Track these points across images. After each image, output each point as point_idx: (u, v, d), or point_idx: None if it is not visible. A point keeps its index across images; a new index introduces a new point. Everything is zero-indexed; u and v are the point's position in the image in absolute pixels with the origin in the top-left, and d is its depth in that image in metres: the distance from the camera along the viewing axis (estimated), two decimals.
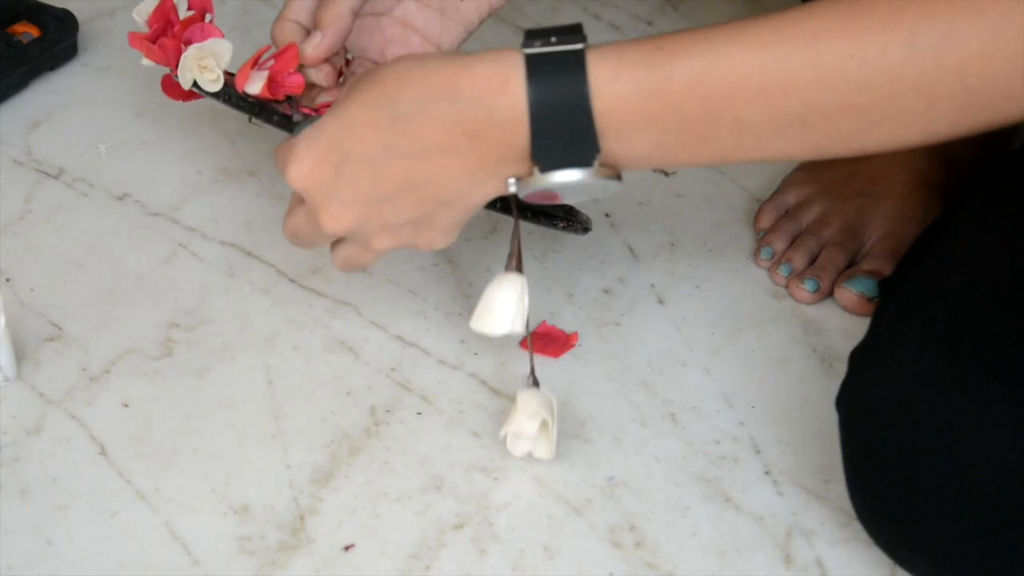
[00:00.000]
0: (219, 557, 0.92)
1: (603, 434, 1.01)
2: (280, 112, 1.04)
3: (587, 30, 0.84)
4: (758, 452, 1.00)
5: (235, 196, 1.18)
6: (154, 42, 1.04)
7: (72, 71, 1.30)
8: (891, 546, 0.88)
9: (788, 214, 1.15)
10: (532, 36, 0.85)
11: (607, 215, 1.19)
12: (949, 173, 1.14)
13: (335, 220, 0.91)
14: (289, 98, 1.04)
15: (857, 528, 0.90)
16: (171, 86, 1.07)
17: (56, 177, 1.19)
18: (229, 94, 1.03)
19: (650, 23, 1.36)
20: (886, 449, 0.84)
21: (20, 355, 1.03)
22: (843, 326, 1.09)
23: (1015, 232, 0.86)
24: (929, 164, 1.14)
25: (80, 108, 1.26)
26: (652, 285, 1.11)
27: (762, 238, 1.14)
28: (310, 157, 0.90)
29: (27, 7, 1.30)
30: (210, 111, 1.28)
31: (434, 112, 0.86)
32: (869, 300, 1.09)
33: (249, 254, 1.13)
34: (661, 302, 1.10)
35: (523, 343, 1.05)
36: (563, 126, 0.84)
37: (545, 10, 1.42)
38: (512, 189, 0.87)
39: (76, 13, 1.31)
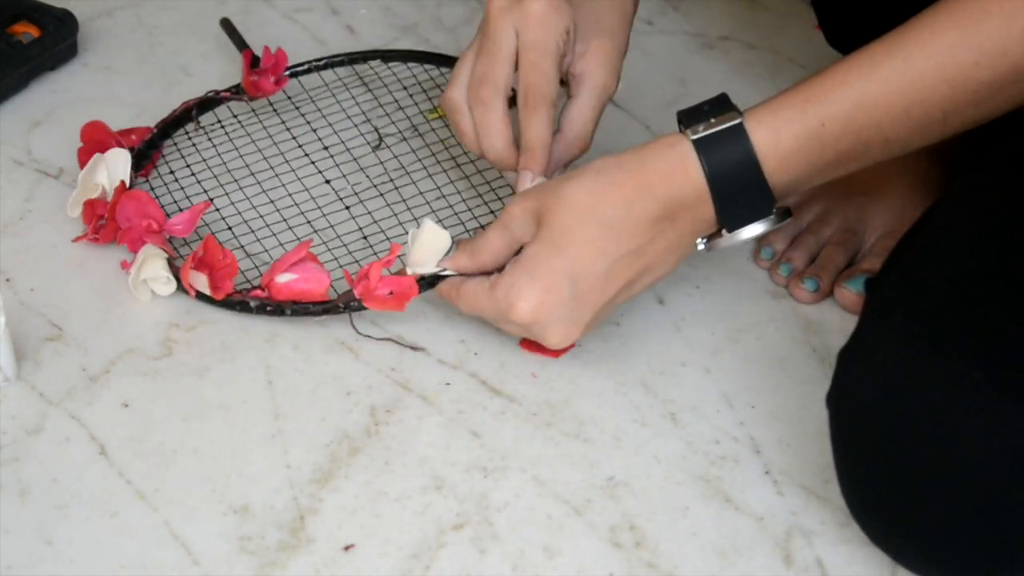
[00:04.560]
0: (219, 557, 0.92)
1: (603, 434, 1.01)
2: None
3: None
4: (758, 452, 1.00)
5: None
6: (97, 234, 1.09)
7: (72, 71, 1.30)
8: (882, 537, 0.88)
9: None
10: (690, 118, 0.95)
11: None
12: (949, 173, 1.14)
13: (566, 337, 0.99)
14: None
15: (857, 528, 0.90)
16: None
17: (56, 177, 1.19)
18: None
19: (650, 23, 1.36)
20: (874, 439, 0.85)
21: (20, 355, 1.03)
22: (843, 326, 1.09)
23: (994, 224, 0.87)
24: (929, 164, 1.14)
25: (80, 108, 1.26)
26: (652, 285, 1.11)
27: (762, 238, 1.14)
28: (537, 288, 0.96)
29: (27, 7, 1.30)
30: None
31: (638, 211, 0.95)
32: None
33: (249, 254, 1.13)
34: (661, 302, 1.10)
35: (522, 343, 1.05)
36: (742, 192, 0.95)
37: None
38: (701, 247, 0.98)
39: (76, 13, 1.31)
